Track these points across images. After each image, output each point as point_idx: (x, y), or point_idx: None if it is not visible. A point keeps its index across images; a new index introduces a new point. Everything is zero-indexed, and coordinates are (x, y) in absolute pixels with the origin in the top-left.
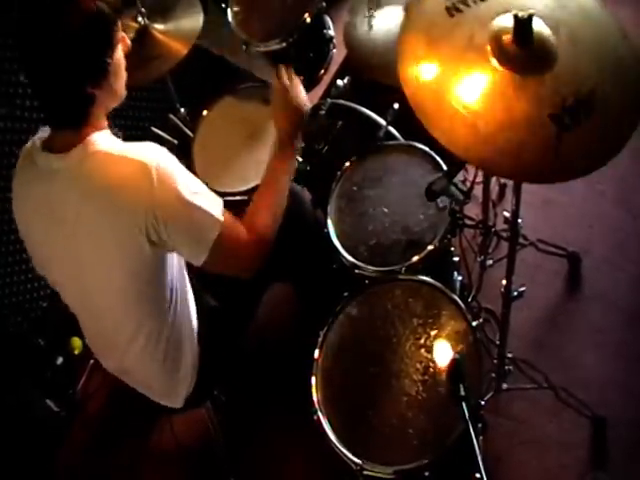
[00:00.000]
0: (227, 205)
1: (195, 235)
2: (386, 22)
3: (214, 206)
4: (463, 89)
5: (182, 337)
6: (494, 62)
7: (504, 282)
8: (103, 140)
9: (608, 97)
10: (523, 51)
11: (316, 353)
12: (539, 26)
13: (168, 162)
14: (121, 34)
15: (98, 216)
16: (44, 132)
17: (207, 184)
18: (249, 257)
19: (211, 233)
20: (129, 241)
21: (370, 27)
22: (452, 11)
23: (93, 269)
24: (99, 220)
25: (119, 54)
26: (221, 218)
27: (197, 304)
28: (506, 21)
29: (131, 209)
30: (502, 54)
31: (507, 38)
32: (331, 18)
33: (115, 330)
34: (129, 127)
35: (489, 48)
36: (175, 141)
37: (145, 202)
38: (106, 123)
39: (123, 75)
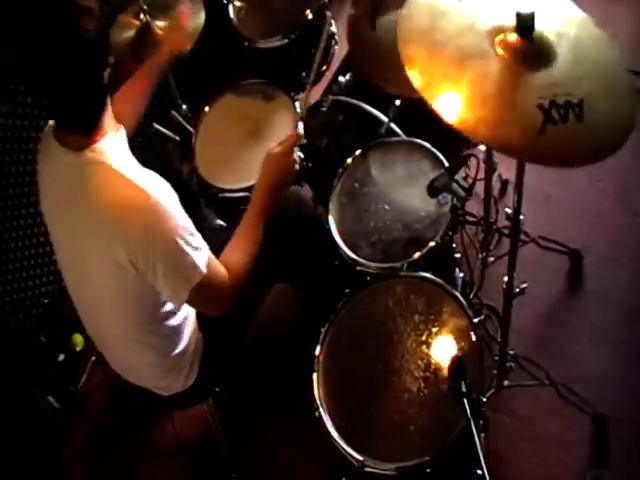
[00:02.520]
0: (228, 202)
1: (176, 278)
2: (390, 30)
3: (200, 255)
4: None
5: (182, 335)
6: (496, 48)
7: (505, 279)
8: (112, 151)
9: (598, 110)
10: (524, 43)
11: (317, 350)
12: (542, 26)
13: (169, 200)
14: None
15: (92, 228)
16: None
17: (208, 181)
18: (223, 300)
19: (192, 281)
20: (117, 262)
21: (373, 29)
22: None
23: (85, 267)
24: (93, 232)
25: None
26: (204, 270)
27: None
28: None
29: (124, 235)
30: (502, 39)
31: (509, 30)
32: (333, 14)
33: (111, 326)
34: None
35: (492, 34)
36: (177, 137)
37: (139, 233)
38: (114, 121)
39: None
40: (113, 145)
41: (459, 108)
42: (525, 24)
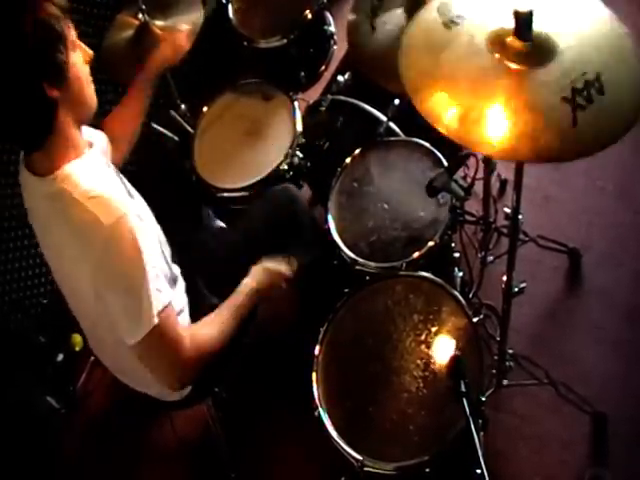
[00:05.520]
0: (227, 201)
1: (129, 314)
2: (390, 25)
3: (155, 300)
4: (472, 90)
5: None
6: (498, 58)
7: (505, 278)
8: (76, 176)
9: (615, 78)
10: (524, 46)
11: (316, 349)
12: (539, 23)
13: (126, 228)
14: (77, 41)
15: (69, 253)
16: None
17: (207, 180)
18: (177, 366)
19: (146, 318)
20: (85, 285)
21: (373, 29)
22: (449, 25)
23: (69, 282)
24: (62, 256)
25: (77, 59)
26: (155, 319)
27: (198, 302)
28: (506, 20)
29: (82, 260)
30: (504, 50)
31: (508, 35)
32: (332, 14)
33: (103, 333)
34: None
35: (490, 46)
36: (175, 137)
37: (92, 260)
38: (84, 144)
39: (88, 83)
40: (80, 169)
41: (498, 137)
42: (524, 23)
